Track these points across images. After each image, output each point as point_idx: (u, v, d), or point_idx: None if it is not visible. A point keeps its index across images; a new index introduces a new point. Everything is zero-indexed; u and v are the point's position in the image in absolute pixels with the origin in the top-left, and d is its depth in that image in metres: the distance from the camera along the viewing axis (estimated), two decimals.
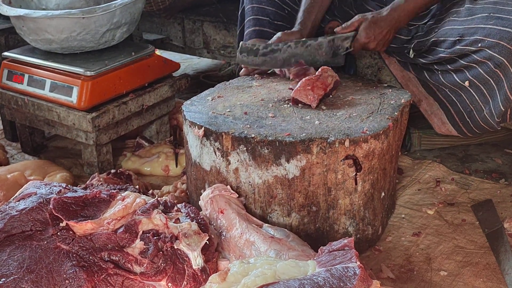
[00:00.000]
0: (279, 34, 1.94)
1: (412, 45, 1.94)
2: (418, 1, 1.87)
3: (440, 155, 2.21)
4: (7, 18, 2.27)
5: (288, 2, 2.14)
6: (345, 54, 1.91)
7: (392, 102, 1.71)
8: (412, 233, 1.74)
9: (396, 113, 1.63)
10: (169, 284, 1.29)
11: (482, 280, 1.53)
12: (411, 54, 1.93)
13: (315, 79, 1.72)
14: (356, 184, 1.56)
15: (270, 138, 1.50)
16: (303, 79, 1.73)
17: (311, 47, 1.88)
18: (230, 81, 1.96)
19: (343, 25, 1.89)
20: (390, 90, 1.80)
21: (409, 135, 2.21)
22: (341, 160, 1.51)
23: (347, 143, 1.50)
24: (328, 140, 1.49)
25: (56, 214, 1.36)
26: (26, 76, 2.13)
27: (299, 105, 1.70)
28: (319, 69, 1.77)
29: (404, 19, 1.89)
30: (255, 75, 1.97)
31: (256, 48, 1.89)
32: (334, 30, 1.91)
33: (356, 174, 1.54)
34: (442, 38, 1.81)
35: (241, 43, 1.91)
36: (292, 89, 1.75)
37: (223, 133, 1.55)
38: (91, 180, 1.86)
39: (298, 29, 1.96)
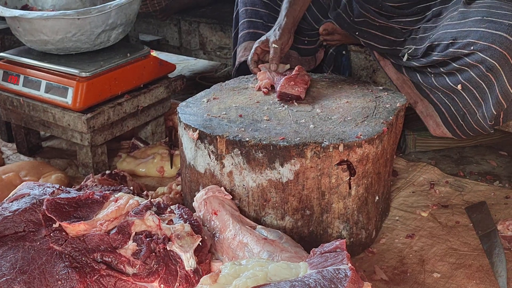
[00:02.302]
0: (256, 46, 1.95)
1: (409, 51, 1.94)
2: None
3: (435, 157, 2.21)
4: (2, 19, 2.27)
5: (281, 4, 2.14)
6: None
7: (387, 106, 1.70)
8: (406, 235, 1.74)
9: (391, 117, 1.62)
10: (162, 285, 1.29)
11: (475, 282, 1.53)
12: (405, 58, 1.93)
13: (294, 77, 1.80)
14: (350, 188, 1.56)
15: (264, 142, 1.50)
16: (284, 78, 1.79)
17: None
18: (226, 82, 1.96)
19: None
20: (386, 93, 1.80)
21: (404, 137, 2.21)
22: (335, 165, 1.51)
23: (341, 148, 1.50)
24: (322, 145, 1.49)
25: (49, 215, 1.36)
26: (22, 77, 2.13)
27: (295, 103, 1.72)
28: (295, 68, 1.85)
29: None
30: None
31: None
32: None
33: (350, 179, 1.54)
34: (436, 42, 1.82)
35: None
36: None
37: (217, 136, 1.55)
38: (85, 181, 1.86)
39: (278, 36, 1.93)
